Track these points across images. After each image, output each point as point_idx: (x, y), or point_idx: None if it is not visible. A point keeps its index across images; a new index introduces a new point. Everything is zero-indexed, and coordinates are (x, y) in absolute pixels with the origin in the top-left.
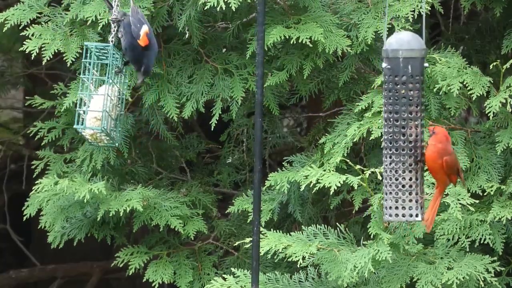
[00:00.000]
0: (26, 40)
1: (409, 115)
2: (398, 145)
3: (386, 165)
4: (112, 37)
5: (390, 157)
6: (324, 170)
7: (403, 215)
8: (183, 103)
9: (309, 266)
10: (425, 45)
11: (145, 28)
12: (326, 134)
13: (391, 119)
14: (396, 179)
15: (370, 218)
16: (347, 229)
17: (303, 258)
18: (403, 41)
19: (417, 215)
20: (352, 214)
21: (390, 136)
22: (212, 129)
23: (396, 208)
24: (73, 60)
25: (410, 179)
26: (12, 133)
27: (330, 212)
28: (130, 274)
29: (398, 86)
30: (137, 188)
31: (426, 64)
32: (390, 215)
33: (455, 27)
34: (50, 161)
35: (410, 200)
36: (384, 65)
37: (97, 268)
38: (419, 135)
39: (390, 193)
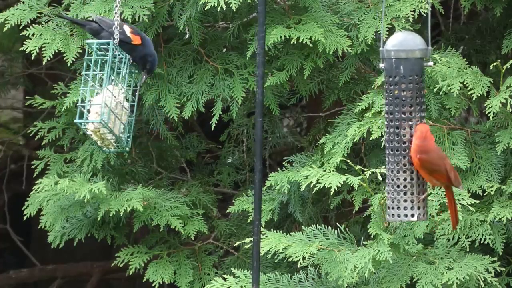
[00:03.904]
0: (26, 40)
1: (403, 116)
2: (393, 145)
3: (386, 165)
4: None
5: (388, 157)
6: (324, 170)
7: (398, 215)
8: (183, 103)
9: (309, 266)
10: (423, 45)
11: (126, 28)
12: (326, 134)
13: (387, 119)
14: (392, 179)
15: (370, 218)
16: (347, 229)
17: (303, 258)
18: (397, 42)
19: (412, 215)
20: (352, 214)
21: (387, 136)
22: (212, 129)
23: (393, 208)
24: (73, 60)
25: (405, 179)
26: (12, 133)
27: (330, 212)
28: (130, 274)
29: (392, 86)
30: (137, 188)
31: (430, 63)
32: (389, 215)
33: (455, 27)
34: (50, 161)
35: (405, 201)
36: (381, 65)
37: (97, 268)
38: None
39: (388, 193)
